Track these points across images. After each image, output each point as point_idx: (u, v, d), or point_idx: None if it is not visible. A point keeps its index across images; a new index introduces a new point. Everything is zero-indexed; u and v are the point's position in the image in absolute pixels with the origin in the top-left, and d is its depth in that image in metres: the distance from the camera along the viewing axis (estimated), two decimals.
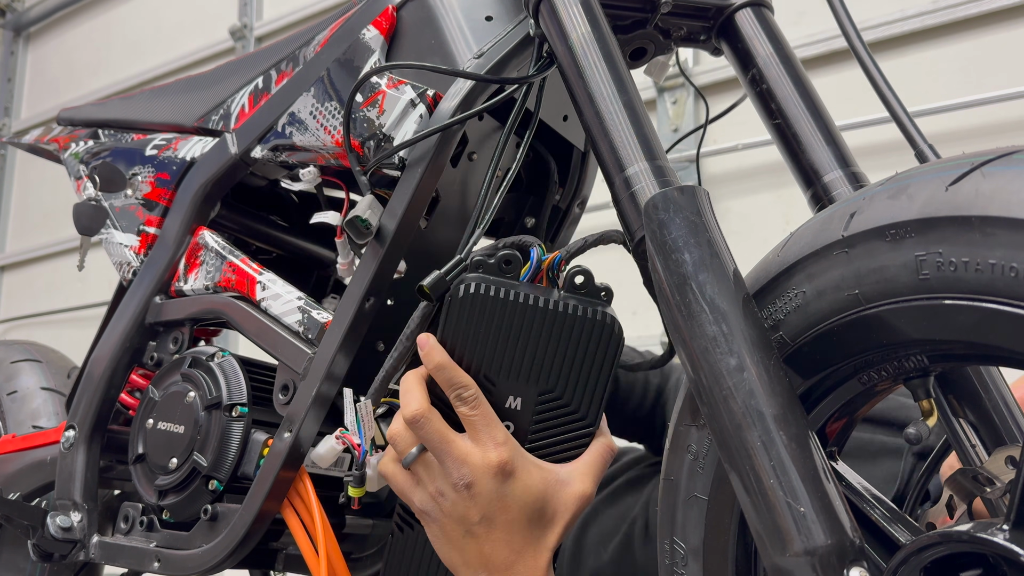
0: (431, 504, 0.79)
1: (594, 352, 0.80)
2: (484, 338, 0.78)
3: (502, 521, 0.78)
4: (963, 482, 0.62)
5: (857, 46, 0.81)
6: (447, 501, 0.78)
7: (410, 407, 0.78)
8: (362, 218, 0.86)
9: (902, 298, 0.57)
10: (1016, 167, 0.53)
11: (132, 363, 1.11)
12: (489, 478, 0.77)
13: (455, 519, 0.78)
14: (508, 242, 0.80)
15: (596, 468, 0.82)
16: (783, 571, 0.57)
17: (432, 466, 0.79)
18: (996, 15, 1.98)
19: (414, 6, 0.94)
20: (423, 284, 0.79)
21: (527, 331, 0.78)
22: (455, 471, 0.77)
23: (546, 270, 0.81)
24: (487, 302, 0.77)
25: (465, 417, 0.78)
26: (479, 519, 0.78)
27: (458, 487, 0.77)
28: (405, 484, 0.81)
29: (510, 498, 0.78)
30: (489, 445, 0.78)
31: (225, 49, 3.36)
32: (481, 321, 0.78)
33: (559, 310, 0.78)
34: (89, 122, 1.28)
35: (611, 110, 0.75)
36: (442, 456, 0.78)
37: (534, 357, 0.79)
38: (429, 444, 0.78)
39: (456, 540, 0.79)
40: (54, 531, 1.05)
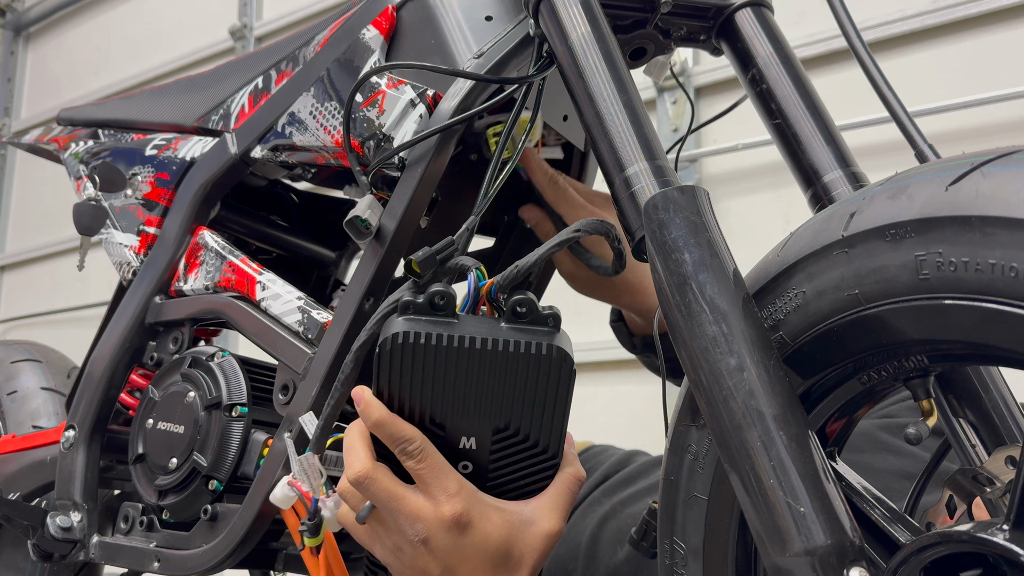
0: (391, 557, 0.77)
1: (546, 385, 0.74)
2: (424, 386, 0.73)
3: (464, 572, 0.76)
4: (963, 482, 0.62)
5: (857, 46, 0.81)
6: (406, 556, 0.76)
7: (353, 468, 0.75)
8: (362, 218, 0.86)
9: (902, 298, 0.57)
10: (1016, 167, 0.53)
11: (132, 363, 1.11)
12: (444, 532, 0.74)
13: (417, 571, 0.76)
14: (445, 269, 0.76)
15: (563, 501, 0.79)
16: (783, 571, 0.57)
17: (386, 522, 0.76)
18: (996, 15, 1.98)
19: (414, 6, 0.94)
20: (412, 259, 0.75)
21: (471, 373, 0.73)
22: (408, 528, 0.75)
23: (485, 297, 0.75)
24: (420, 350, 0.72)
25: (413, 471, 0.75)
26: (440, 572, 0.75)
27: (414, 543, 0.75)
28: (365, 536, 0.79)
29: (469, 548, 0.75)
30: (441, 498, 0.74)
31: (225, 49, 3.36)
32: (418, 370, 0.73)
33: (502, 349, 0.72)
34: (89, 122, 1.29)
35: (611, 110, 0.74)
36: (394, 514, 0.75)
37: (482, 397, 0.74)
38: (378, 503, 0.75)
39: None
40: (54, 531, 1.05)
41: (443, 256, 0.76)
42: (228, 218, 1.13)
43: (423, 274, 0.74)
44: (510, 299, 0.74)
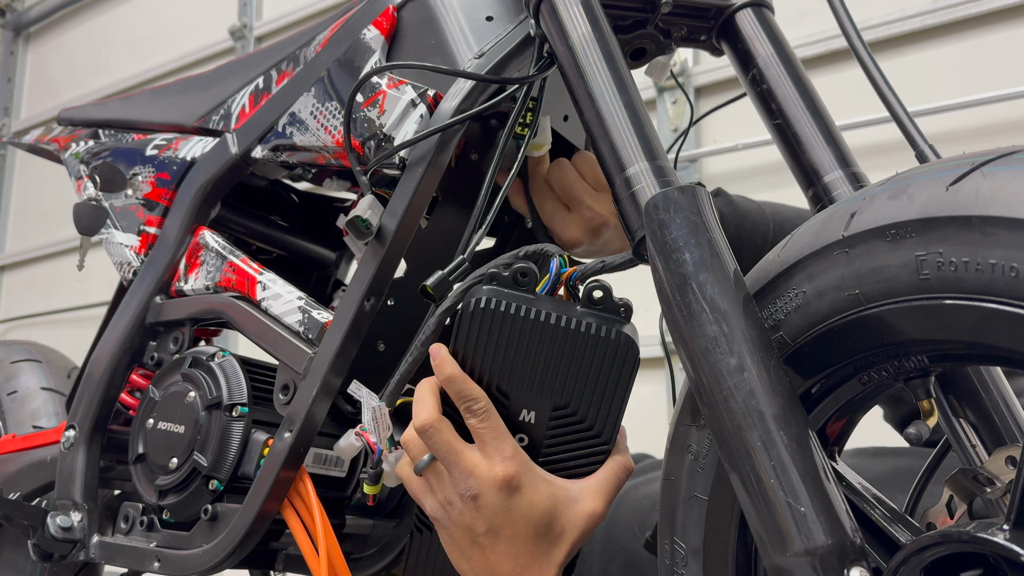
0: (440, 511, 0.80)
1: (610, 370, 0.78)
2: (497, 352, 0.77)
3: (507, 534, 0.78)
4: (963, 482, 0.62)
5: (857, 46, 0.81)
6: (455, 510, 0.79)
7: (420, 416, 0.79)
8: (362, 218, 0.86)
9: (902, 298, 0.57)
10: (1016, 167, 0.53)
11: (132, 363, 1.11)
12: (495, 491, 0.77)
13: (462, 528, 0.79)
14: (527, 252, 0.79)
15: (609, 486, 0.81)
16: (783, 571, 0.57)
17: (441, 475, 0.80)
18: (996, 15, 1.98)
19: (414, 6, 0.94)
20: (426, 284, 0.79)
21: (541, 347, 0.77)
22: (462, 482, 0.78)
23: (565, 283, 0.79)
24: (500, 317, 0.76)
25: (474, 429, 0.78)
26: (485, 530, 0.78)
27: (464, 498, 0.78)
28: (419, 489, 0.82)
29: (515, 512, 0.78)
30: (496, 458, 0.78)
31: (225, 49, 3.36)
32: (493, 335, 0.77)
33: (574, 328, 0.77)
34: (89, 122, 1.29)
35: (611, 110, 0.75)
36: (450, 467, 0.78)
37: (548, 373, 0.78)
38: (437, 454, 0.79)
39: (464, 548, 0.79)
40: (54, 531, 1.05)
41: (455, 277, 0.79)
42: (228, 218, 1.13)
43: (438, 297, 0.78)
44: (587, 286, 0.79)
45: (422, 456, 0.80)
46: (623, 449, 0.83)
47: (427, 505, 0.81)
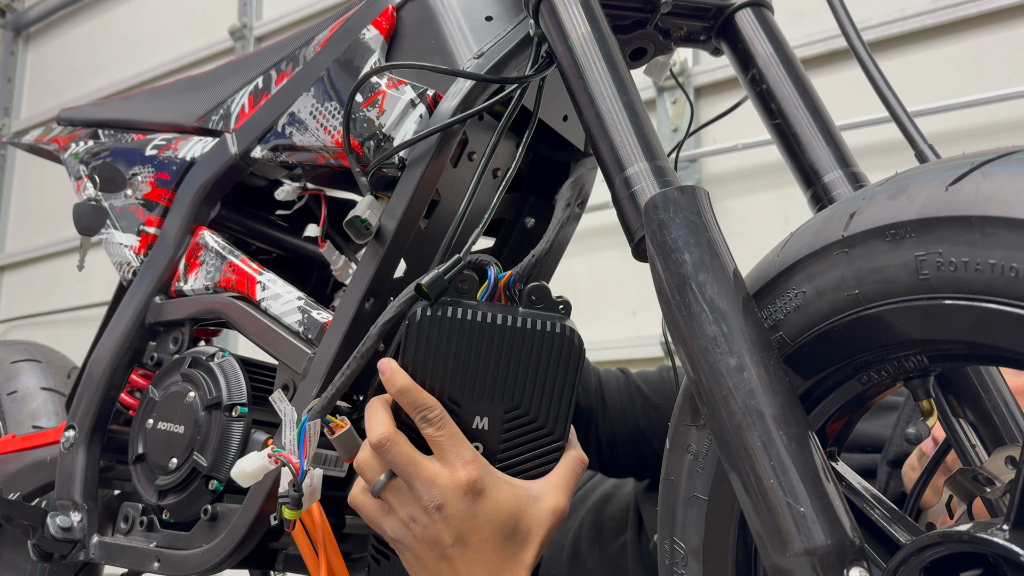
0: (403, 531, 0.78)
1: (556, 365, 0.79)
2: (445, 360, 0.78)
3: (475, 541, 0.77)
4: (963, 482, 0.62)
5: (857, 46, 0.81)
6: (419, 526, 0.77)
7: (376, 431, 0.77)
8: (362, 218, 0.86)
9: (902, 298, 0.57)
10: (1016, 167, 0.53)
11: (132, 363, 1.11)
12: (459, 497, 0.76)
13: (428, 543, 0.77)
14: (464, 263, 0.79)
15: (568, 481, 0.81)
16: (783, 571, 0.57)
17: (401, 492, 0.78)
18: (996, 15, 1.98)
19: (414, 6, 0.94)
20: (421, 282, 0.78)
21: (488, 350, 0.78)
22: (425, 493, 0.76)
23: (503, 288, 0.81)
24: (445, 323, 0.77)
25: (431, 438, 0.77)
26: (452, 541, 0.77)
27: (429, 509, 0.76)
28: (376, 514, 0.80)
29: (482, 517, 0.77)
30: (457, 464, 0.77)
31: (225, 49, 3.36)
32: (441, 343, 0.77)
33: (518, 326, 0.78)
34: (89, 122, 1.29)
35: (611, 110, 0.75)
36: (411, 479, 0.77)
37: (497, 375, 0.78)
38: (397, 468, 0.77)
39: (431, 566, 0.78)
40: (54, 531, 1.05)
41: (450, 276, 0.78)
42: (228, 218, 1.13)
43: (433, 296, 0.77)
44: (525, 288, 0.80)
45: (377, 477, 0.78)
46: (575, 443, 0.83)
47: (388, 528, 0.79)
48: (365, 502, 0.80)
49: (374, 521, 0.80)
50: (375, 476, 0.79)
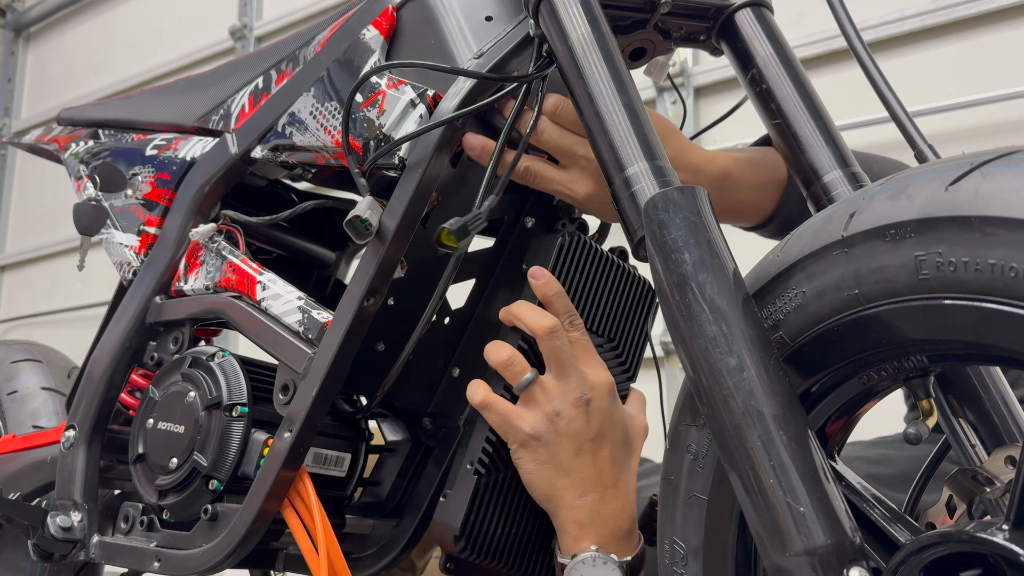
0: (546, 425, 0.81)
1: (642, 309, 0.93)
2: (579, 283, 0.88)
3: (610, 438, 0.83)
4: (963, 482, 0.62)
5: (857, 46, 0.81)
6: (563, 419, 0.81)
7: (544, 321, 0.82)
8: (362, 218, 0.86)
9: (902, 298, 0.57)
10: (1016, 167, 0.53)
11: (132, 363, 1.11)
12: (605, 395, 0.83)
13: (570, 437, 0.81)
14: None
15: (643, 407, 0.92)
16: (783, 571, 0.57)
17: (548, 388, 0.82)
18: (996, 15, 1.98)
19: (414, 6, 0.94)
20: (446, 227, 0.80)
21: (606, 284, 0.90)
22: (579, 387, 0.81)
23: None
24: (591, 252, 0.90)
25: (576, 341, 0.83)
26: (594, 435, 0.82)
27: (578, 403, 0.81)
28: (511, 412, 0.83)
29: (616, 417, 0.84)
30: (599, 367, 0.84)
31: (225, 49, 3.36)
32: (581, 268, 0.89)
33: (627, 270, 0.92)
34: (89, 122, 1.28)
35: (611, 110, 0.75)
36: (569, 370, 0.82)
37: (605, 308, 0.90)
38: (560, 356, 0.82)
39: (566, 462, 0.81)
40: (54, 531, 1.05)
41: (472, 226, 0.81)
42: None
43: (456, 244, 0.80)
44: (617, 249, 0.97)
45: (524, 374, 0.82)
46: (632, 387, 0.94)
47: (526, 424, 0.82)
48: (497, 401, 0.84)
49: (508, 420, 0.83)
50: (521, 373, 0.83)
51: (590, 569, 0.81)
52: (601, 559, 0.81)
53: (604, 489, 0.82)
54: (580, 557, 0.81)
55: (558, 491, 0.82)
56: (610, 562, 0.81)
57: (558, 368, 0.82)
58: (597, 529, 0.82)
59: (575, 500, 0.81)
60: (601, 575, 0.81)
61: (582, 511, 0.81)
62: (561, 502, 0.82)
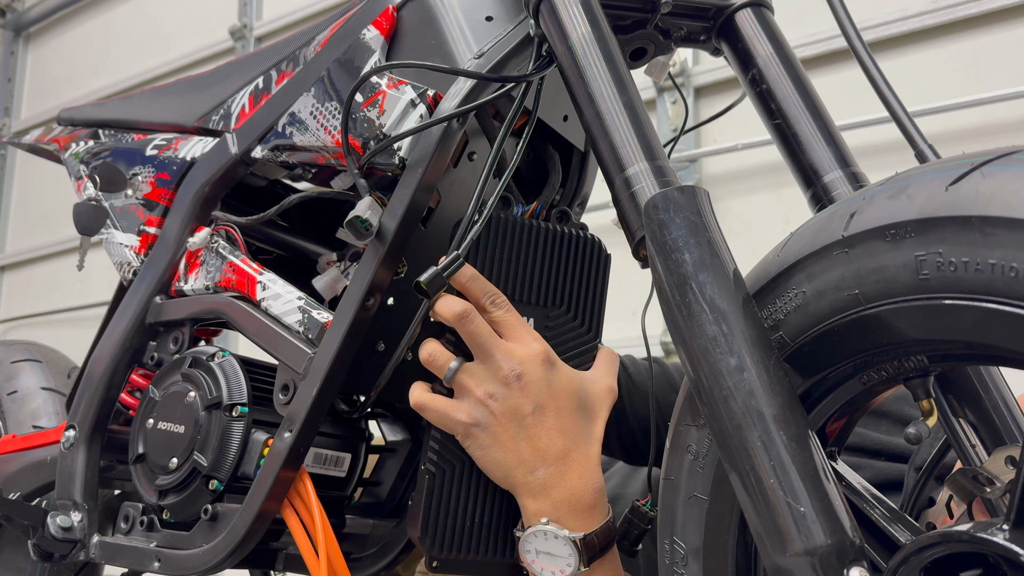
0: (481, 410, 0.81)
1: (590, 269, 0.91)
2: (502, 260, 0.86)
3: (553, 408, 0.81)
4: (963, 482, 0.62)
5: (857, 46, 0.81)
6: (497, 400, 0.80)
7: (454, 307, 0.81)
8: (362, 218, 0.86)
9: (902, 298, 0.57)
10: (1016, 167, 0.53)
11: (132, 363, 1.11)
12: (537, 366, 0.81)
13: (508, 416, 0.80)
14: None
15: (611, 368, 0.89)
16: (783, 571, 0.57)
17: (475, 372, 0.81)
18: (996, 15, 1.98)
19: (414, 6, 0.94)
20: (420, 280, 0.80)
21: (535, 253, 0.88)
22: (505, 364, 0.80)
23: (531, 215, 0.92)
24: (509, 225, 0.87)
25: (499, 320, 0.83)
26: (532, 408, 0.80)
27: (509, 380, 0.80)
28: (446, 405, 0.82)
29: (556, 385, 0.82)
30: (528, 338, 0.82)
31: (225, 49, 3.36)
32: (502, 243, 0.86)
33: (559, 233, 0.90)
34: (89, 122, 1.28)
35: (611, 110, 0.75)
36: (491, 350, 0.81)
37: (542, 276, 0.88)
38: (478, 339, 0.81)
39: (509, 441, 0.81)
40: (54, 531, 1.05)
41: (448, 273, 0.81)
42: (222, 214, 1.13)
43: (432, 294, 0.81)
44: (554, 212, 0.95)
45: (448, 364, 0.82)
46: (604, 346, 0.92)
47: (462, 413, 0.81)
48: (430, 398, 0.83)
49: (444, 413, 0.82)
50: (446, 363, 0.82)
51: (541, 542, 0.80)
52: (552, 532, 0.79)
53: (555, 461, 0.80)
54: (531, 530, 0.80)
55: (509, 472, 0.81)
56: (561, 536, 0.79)
57: (479, 350, 0.81)
58: (552, 502, 0.80)
59: (527, 477, 0.80)
60: (554, 547, 0.79)
61: (535, 486, 0.80)
62: (515, 482, 0.81)
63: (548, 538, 0.79)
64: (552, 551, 0.79)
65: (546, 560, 0.80)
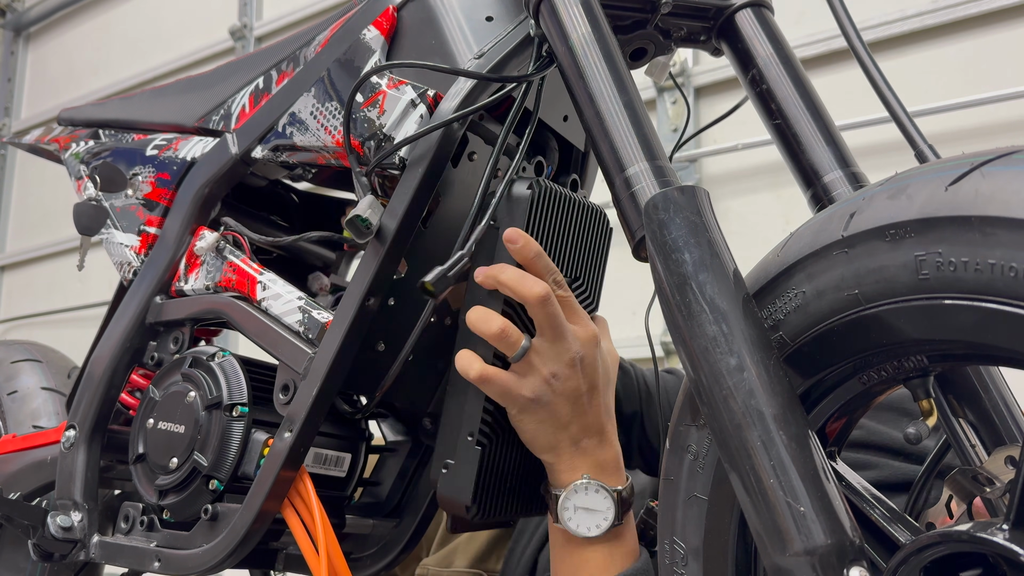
0: (544, 388, 0.84)
1: (600, 238, 0.94)
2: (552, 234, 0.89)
3: (600, 388, 0.87)
4: (963, 482, 0.62)
5: (857, 46, 0.81)
6: (560, 380, 0.83)
7: (535, 288, 0.81)
8: (362, 217, 0.86)
9: (902, 298, 0.57)
10: (1016, 167, 0.53)
11: (132, 363, 1.11)
12: (593, 348, 0.85)
13: (567, 395, 0.84)
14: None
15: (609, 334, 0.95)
16: (783, 571, 0.57)
17: (543, 352, 0.83)
18: (996, 15, 1.98)
19: (414, 6, 0.94)
20: (425, 281, 0.80)
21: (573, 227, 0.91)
22: (573, 347, 0.83)
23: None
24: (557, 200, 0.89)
25: (563, 300, 0.85)
26: (586, 389, 0.85)
27: (573, 363, 0.84)
28: (510, 381, 0.84)
29: (600, 363, 0.87)
30: (584, 320, 0.86)
31: (225, 49, 3.36)
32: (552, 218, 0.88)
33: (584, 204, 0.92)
34: (89, 122, 1.28)
35: (611, 110, 0.75)
36: (563, 333, 0.83)
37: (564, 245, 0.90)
38: (553, 322, 0.83)
39: (564, 418, 0.85)
40: (54, 531, 1.05)
41: (454, 273, 0.81)
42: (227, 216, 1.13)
43: (438, 294, 0.80)
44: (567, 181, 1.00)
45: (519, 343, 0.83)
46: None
47: (526, 390, 0.83)
48: (495, 372, 0.84)
49: (509, 390, 0.84)
50: (518, 340, 0.83)
51: (583, 496, 0.85)
52: (594, 486, 0.85)
53: (596, 434, 0.86)
54: (573, 485, 0.85)
55: (556, 444, 0.86)
56: (602, 489, 0.85)
57: (552, 333, 0.83)
58: (589, 465, 0.86)
59: (571, 447, 0.86)
60: (594, 501, 0.85)
61: (577, 457, 0.86)
62: (560, 452, 0.86)
63: (589, 492, 0.85)
64: (591, 506, 0.85)
65: (584, 516, 0.85)
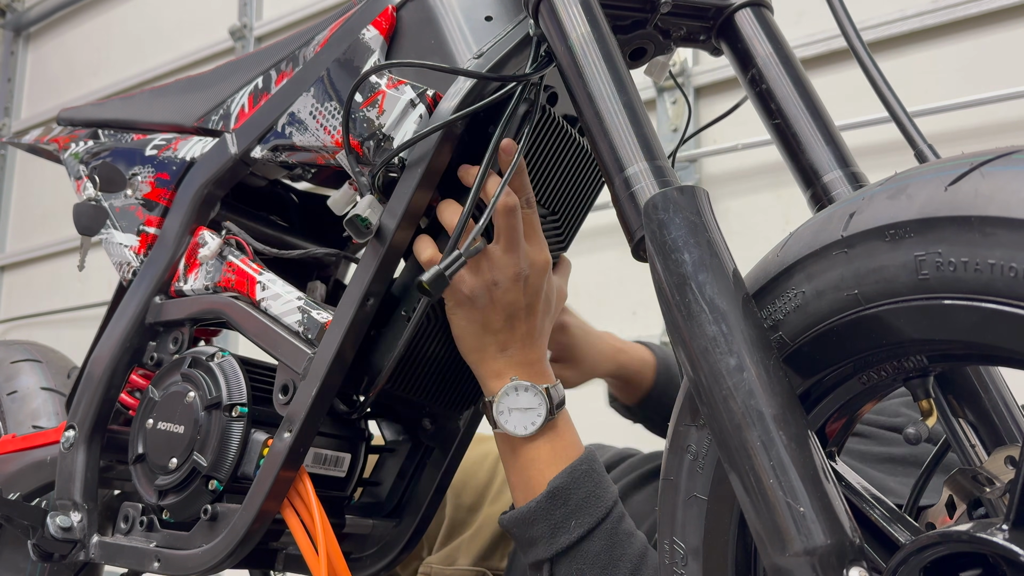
0: (482, 291, 0.88)
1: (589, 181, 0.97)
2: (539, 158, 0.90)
3: (537, 311, 0.90)
4: (963, 482, 0.62)
5: (857, 46, 0.81)
6: (499, 290, 0.88)
7: (509, 198, 0.87)
8: (362, 217, 0.86)
9: (901, 298, 0.57)
10: (1016, 167, 0.53)
11: (132, 363, 1.11)
12: (542, 274, 0.90)
13: (503, 306, 0.88)
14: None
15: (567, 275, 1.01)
16: (783, 571, 0.57)
17: (493, 258, 0.88)
18: (996, 15, 1.98)
19: (414, 6, 0.94)
20: (422, 279, 0.80)
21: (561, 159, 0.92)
22: (521, 264, 0.88)
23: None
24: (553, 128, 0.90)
25: (528, 220, 0.89)
26: (525, 307, 0.89)
27: (517, 278, 0.88)
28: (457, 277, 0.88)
29: (544, 293, 0.91)
30: (540, 247, 0.90)
31: (225, 49, 3.36)
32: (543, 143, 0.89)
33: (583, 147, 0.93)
34: (89, 122, 1.28)
35: (611, 110, 0.75)
36: (514, 247, 0.87)
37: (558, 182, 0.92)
38: (510, 233, 0.87)
39: (494, 325, 0.89)
40: (54, 531, 1.05)
41: (451, 272, 0.80)
42: (228, 218, 1.13)
43: (435, 293, 0.81)
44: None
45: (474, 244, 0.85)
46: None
47: (465, 287, 0.88)
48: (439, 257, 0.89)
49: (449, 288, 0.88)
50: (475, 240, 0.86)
51: (514, 398, 0.89)
52: (523, 386, 0.89)
53: (523, 347, 0.90)
54: (504, 388, 0.89)
55: (483, 346, 0.90)
56: (531, 388, 0.89)
57: (507, 243, 0.87)
58: (514, 367, 0.90)
59: (496, 354, 0.90)
60: (525, 400, 0.89)
61: (501, 361, 0.90)
62: (484, 355, 0.90)
63: (519, 392, 0.89)
64: (523, 405, 0.89)
65: (518, 416, 0.89)
